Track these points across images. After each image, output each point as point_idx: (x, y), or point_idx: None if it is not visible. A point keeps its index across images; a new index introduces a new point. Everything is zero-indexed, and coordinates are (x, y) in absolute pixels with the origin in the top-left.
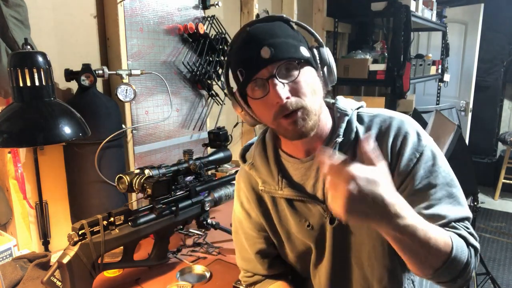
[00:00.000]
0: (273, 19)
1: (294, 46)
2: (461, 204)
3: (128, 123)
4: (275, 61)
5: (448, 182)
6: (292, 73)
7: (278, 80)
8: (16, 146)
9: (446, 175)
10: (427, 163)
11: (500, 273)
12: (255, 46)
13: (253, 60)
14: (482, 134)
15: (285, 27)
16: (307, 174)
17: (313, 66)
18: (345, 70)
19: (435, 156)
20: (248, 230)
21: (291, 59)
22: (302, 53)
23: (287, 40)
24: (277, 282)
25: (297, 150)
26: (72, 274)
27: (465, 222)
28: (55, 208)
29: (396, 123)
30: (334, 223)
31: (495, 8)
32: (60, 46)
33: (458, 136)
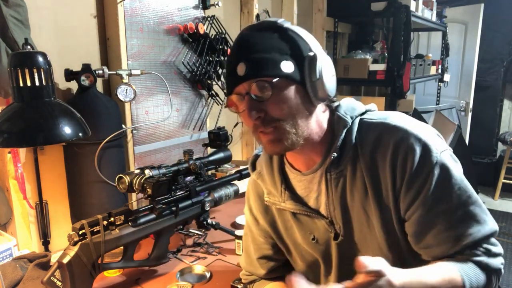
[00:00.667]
0: (265, 26)
1: (274, 62)
2: (480, 222)
3: (128, 123)
4: (248, 78)
5: (464, 201)
6: (267, 91)
7: (251, 98)
8: (16, 146)
9: (462, 193)
10: (437, 185)
11: None
12: (234, 60)
13: (231, 75)
14: (482, 134)
15: (272, 37)
16: (309, 187)
17: (297, 81)
18: (345, 70)
19: (447, 174)
20: (256, 236)
21: (265, 76)
22: (282, 69)
23: (267, 54)
24: (276, 282)
25: (298, 162)
26: (72, 274)
27: (486, 242)
28: (55, 208)
29: (398, 134)
30: (338, 239)
31: (495, 8)
32: (60, 46)
33: (458, 136)
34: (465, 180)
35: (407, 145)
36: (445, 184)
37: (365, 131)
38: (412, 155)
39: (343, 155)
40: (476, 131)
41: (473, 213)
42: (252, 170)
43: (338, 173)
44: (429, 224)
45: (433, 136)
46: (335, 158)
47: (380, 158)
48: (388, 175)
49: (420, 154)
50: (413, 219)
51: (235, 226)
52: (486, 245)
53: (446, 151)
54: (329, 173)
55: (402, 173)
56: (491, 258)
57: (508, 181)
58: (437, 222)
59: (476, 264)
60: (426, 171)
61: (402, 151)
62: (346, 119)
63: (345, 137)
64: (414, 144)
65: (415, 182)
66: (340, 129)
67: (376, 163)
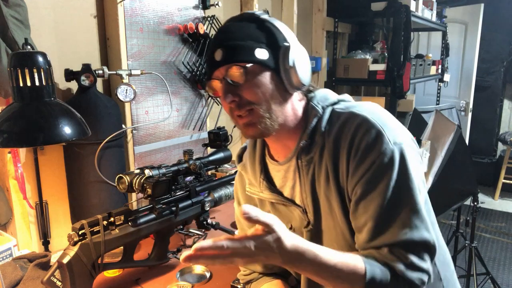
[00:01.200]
0: (242, 17)
1: (249, 48)
2: (410, 226)
3: (128, 123)
4: (224, 63)
5: (400, 200)
6: (241, 76)
7: (226, 82)
8: (16, 146)
9: (400, 191)
10: (378, 173)
11: (500, 273)
12: (213, 46)
13: (209, 61)
14: (482, 134)
15: (249, 27)
16: (286, 177)
17: (271, 68)
18: (345, 70)
19: (391, 166)
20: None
21: (240, 62)
22: (257, 55)
23: (242, 42)
24: (273, 281)
25: (277, 151)
26: (72, 274)
27: (411, 250)
28: (55, 208)
29: (358, 121)
30: (308, 227)
31: (495, 8)
32: (60, 46)
33: (458, 136)
34: (410, 180)
35: (364, 130)
36: (385, 175)
37: (334, 120)
38: (365, 140)
39: (313, 143)
40: (476, 131)
41: (405, 215)
42: (238, 162)
43: (308, 160)
44: (361, 207)
45: (393, 126)
46: (306, 145)
47: (341, 144)
48: (345, 158)
49: (372, 140)
50: (353, 200)
51: (235, 226)
52: (409, 253)
53: (400, 144)
54: (299, 160)
55: (354, 156)
56: (409, 269)
57: (508, 181)
58: (368, 207)
59: (390, 268)
60: (373, 157)
61: (358, 136)
62: (317, 108)
63: (316, 126)
64: (370, 130)
65: (361, 165)
66: (311, 118)
67: (337, 150)
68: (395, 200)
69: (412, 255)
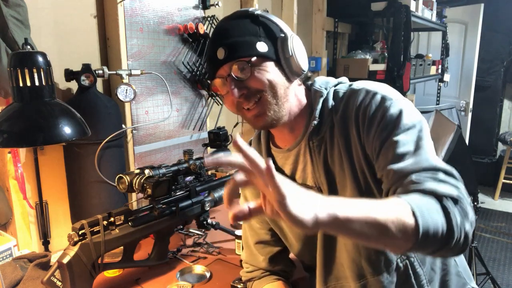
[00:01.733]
0: (237, 15)
1: (249, 43)
2: (428, 157)
3: (128, 123)
4: (228, 61)
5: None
6: (246, 70)
7: (233, 78)
8: (16, 146)
9: (412, 130)
10: (390, 121)
11: (500, 273)
12: (213, 46)
13: (212, 60)
14: (482, 134)
15: (245, 23)
16: (296, 161)
17: (272, 59)
18: (345, 70)
19: (400, 113)
20: (252, 222)
21: (243, 57)
22: (258, 49)
23: (242, 38)
24: (275, 283)
25: (284, 140)
26: (72, 274)
27: (437, 170)
28: (55, 208)
29: (360, 94)
30: None
31: (495, 8)
32: (60, 46)
33: (458, 136)
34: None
35: (367, 100)
36: (396, 121)
37: (338, 99)
38: (370, 104)
39: (322, 123)
40: (476, 131)
41: (425, 147)
42: None
43: (319, 139)
44: (382, 157)
45: (390, 90)
46: (315, 126)
47: (348, 118)
48: (354, 129)
49: (377, 102)
50: (375, 157)
51: (235, 226)
52: (438, 173)
53: (399, 99)
54: (311, 141)
55: (363, 120)
56: (438, 183)
57: (508, 181)
58: (388, 154)
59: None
60: (382, 112)
61: (363, 106)
62: (321, 90)
63: (322, 106)
64: (372, 96)
65: (372, 124)
66: (317, 100)
67: (346, 125)
68: (410, 141)
69: (440, 173)
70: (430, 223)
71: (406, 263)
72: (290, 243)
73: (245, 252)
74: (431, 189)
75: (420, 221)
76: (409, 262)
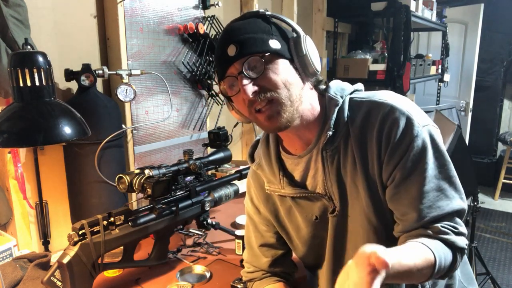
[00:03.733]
0: (248, 15)
1: (262, 40)
2: (449, 197)
3: (128, 123)
4: (240, 57)
5: (437, 174)
6: (259, 67)
7: (244, 75)
8: (16, 146)
9: (435, 167)
10: (415, 156)
11: (500, 273)
12: (223, 44)
13: (221, 59)
14: (482, 134)
15: (257, 22)
16: (307, 168)
17: (286, 57)
18: (345, 70)
19: (425, 147)
20: (258, 224)
21: (256, 53)
22: (271, 46)
23: (255, 35)
24: (276, 284)
25: (294, 145)
26: (72, 274)
27: (452, 219)
28: (55, 208)
29: (385, 109)
30: (334, 213)
31: (495, 8)
32: (60, 46)
33: (458, 136)
34: (442, 156)
35: (393, 118)
36: (421, 156)
37: (355, 109)
38: (396, 127)
39: (337, 133)
40: (476, 131)
41: (443, 188)
42: (251, 161)
43: (333, 150)
44: (403, 190)
45: (417, 111)
46: (330, 136)
47: (369, 132)
48: (375, 147)
49: (403, 126)
50: (391, 185)
51: (235, 226)
52: (452, 222)
53: (427, 126)
54: (325, 151)
55: (386, 144)
56: (457, 236)
57: (508, 181)
58: (410, 189)
59: (443, 241)
60: (408, 142)
61: (388, 124)
62: (337, 99)
63: (337, 116)
64: (399, 117)
65: (397, 151)
66: (332, 108)
67: (365, 137)
68: (435, 177)
69: (457, 224)
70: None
71: None
72: (295, 246)
73: (247, 252)
74: (453, 243)
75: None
76: None
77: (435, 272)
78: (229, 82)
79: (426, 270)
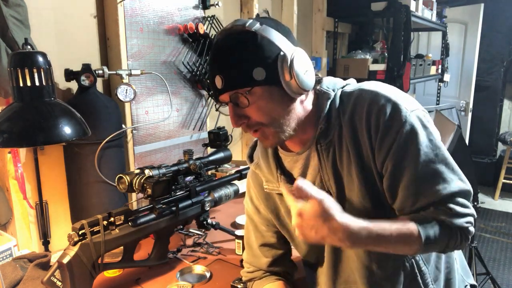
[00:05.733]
0: (235, 32)
1: (245, 72)
2: (446, 180)
3: (128, 123)
4: (226, 91)
5: (431, 159)
6: (244, 101)
7: (232, 106)
8: (16, 146)
9: (428, 150)
10: (405, 141)
11: (500, 273)
12: (212, 71)
13: (212, 86)
14: (482, 134)
15: (241, 47)
16: (306, 165)
17: (270, 84)
18: (345, 70)
19: (414, 132)
20: (258, 224)
21: (239, 89)
22: (255, 77)
23: (238, 66)
24: (275, 282)
25: (293, 143)
26: (72, 274)
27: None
28: (55, 208)
29: (370, 97)
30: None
31: (495, 8)
32: (60, 46)
33: (458, 136)
34: (435, 139)
35: (379, 105)
36: (412, 141)
37: (345, 101)
38: (383, 114)
39: (330, 125)
40: (476, 131)
41: (439, 171)
42: (250, 162)
43: (328, 143)
44: (397, 178)
45: (403, 97)
46: (324, 129)
47: (358, 122)
48: (365, 136)
49: (390, 113)
50: (386, 174)
51: (235, 226)
52: (451, 204)
53: (415, 110)
54: (319, 145)
55: (375, 132)
56: (454, 217)
57: (508, 181)
58: (404, 176)
59: (438, 222)
60: (396, 128)
61: (375, 112)
62: (328, 92)
63: (330, 109)
64: (385, 104)
65: (386, 138)
66: (324, 102)
67: (355, 127)
68: (427, 161)
69: (454, 205)
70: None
71: (412, 262)
72: (297, 244)
73: (247, 252)
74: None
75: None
76: (414, 261)
77: (423, 245)
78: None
79: (409, 242)
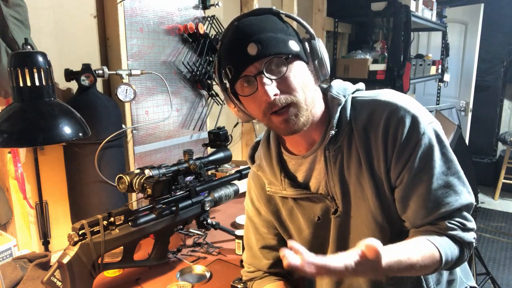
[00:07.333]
0: (262, 12)
1: (283, 41)
2: (457, 192)
3: (128, 123)
4: (262, 57)
5: (444, 171)
6: (281, 69)
7: (265, 76)
8: (16, 146)
9: (442, 163)
10: (423, 154)
11: (500, 273)
12: (242, 42)
13: (240, 57)
14: (482, 134)
15: (274, 20)
16: (311, 168)
17: (303, 60)
18: (345, 70)
19: (431, 145)
20: (259, 226)
21: (278, 54)
22: (291, 47)
23: (275, 34)
24: (276, 282)
25: (298, 145)
26: (72, 274)
27: (460, 215)
28: (55, 208)
29: (389, 108)
30: (336, 214)
31: (495, 8)
32: (60, 46)
33: (458, 136)
34: (448, 152)
35: (398, 118)
36: (429, 153)
37: (358, 109)
38: (402, 126)
39: (340, 132)
40: (476, 131)
41: (452, 184)
42: (251, 163)
43: (336, 149)
44: (412, 189)
45: (421, 109)
46: (333, 135)
47: (373, 132)
48: (381, 146)
49: (409, 125)
50: (400, 185)
51: (235, 226)
52: (460, 218)
53: (432, 123)
54: (327, 151)
55: (393, 144)
56: (465, 232)
57: (508, 181)
58: (419, 188)
59: (451, 238)
60: (415, 141)
61: (394, 124)
62: (339, 98)
63: (340, 115)
64: (405, 116)
65: (405, 151)
66: (335, 108)
67: (369, 137)
68: (441, 173)
69: (463, 220)
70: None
71: None
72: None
73: (247, 254)
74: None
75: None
76: None
77: (442, 266)
78: (244, 81)
79: (431, 266)
